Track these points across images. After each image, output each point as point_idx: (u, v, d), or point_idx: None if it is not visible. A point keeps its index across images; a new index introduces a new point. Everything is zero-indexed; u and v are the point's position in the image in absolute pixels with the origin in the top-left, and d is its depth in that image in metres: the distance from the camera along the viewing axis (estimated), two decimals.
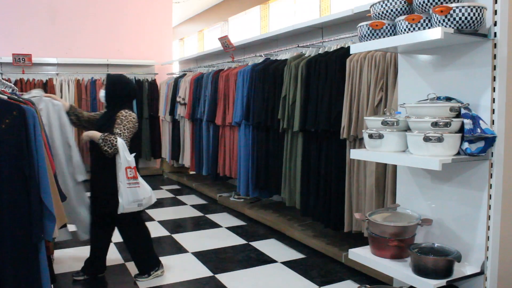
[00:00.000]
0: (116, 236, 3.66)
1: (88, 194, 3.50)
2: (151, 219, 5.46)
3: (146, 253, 3.63)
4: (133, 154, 3.21)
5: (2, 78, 3.60)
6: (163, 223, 5.32)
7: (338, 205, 3.83)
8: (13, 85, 3.09)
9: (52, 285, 2.78)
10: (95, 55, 8.39)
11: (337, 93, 3.76)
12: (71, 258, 4.04)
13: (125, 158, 3.14)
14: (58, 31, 8.30)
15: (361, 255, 2.54)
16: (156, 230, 5.03)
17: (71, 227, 3.33)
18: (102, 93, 3.47)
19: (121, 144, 3.15)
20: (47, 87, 7.70)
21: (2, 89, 2.64)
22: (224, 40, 5.92)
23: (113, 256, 4.06)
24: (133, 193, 3.20)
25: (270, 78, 4.74)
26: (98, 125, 3.45)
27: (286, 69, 4.44)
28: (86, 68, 8.13)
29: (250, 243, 4.56)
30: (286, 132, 4.52)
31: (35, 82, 7.74)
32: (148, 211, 5.84)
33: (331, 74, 3.85)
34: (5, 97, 2.34)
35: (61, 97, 7.77)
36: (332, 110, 3.80)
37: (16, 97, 2.58)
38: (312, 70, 4.10)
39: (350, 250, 2.62)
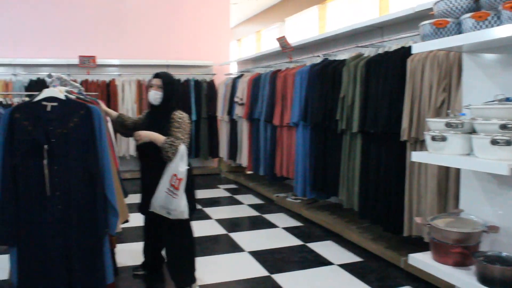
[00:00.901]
0: None
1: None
2: (208, 217, 5.56)
3: (187, 266, 3.37)
4: (186, 168, 3.02)
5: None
6: (220, 221, 5.40)
7: (398, 209, 3.73)
8: (80, 86, 3.25)
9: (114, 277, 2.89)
10: (155, 56, 8.63)
11: (397, 93, 3.67)
12: (132, 252, 4.17)
13: (177, 166, 2.97)
14: (120, 34, 8.61)
15: (422, 260, 2.47)
16: (213, 228, 5.11)
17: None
18: (156, 94, 3.16)
19: (183, 151, 3.01)
20: (109, 87, 8.02)
21: (71, 89, 2.77)
22: (282, 40, 5.92)
23: None
24: (167, 200, 3.01)
25: (329, 78, 4.69)
26: (145, 127, 3.19)
27: (345, 69, 4.38)
28: (147, 69, 8.37)
29: (306, 244, 4.53)
30: (345, 133, 4.46)
31: (98, 83, 8.06)
32: (205, 209, 5.94)
33: (391, 74, 3.76)
34: (73, 97, 2.46)
35: (123, 97, 8.07)
36: (392, 111, 3.71)
37: (82, 97, 2.71)
38: (372, 70, 4.03)
39: (410, 255, 2.56)
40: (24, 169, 2.27)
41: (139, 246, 4.20)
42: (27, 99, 5.95)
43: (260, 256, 4.19)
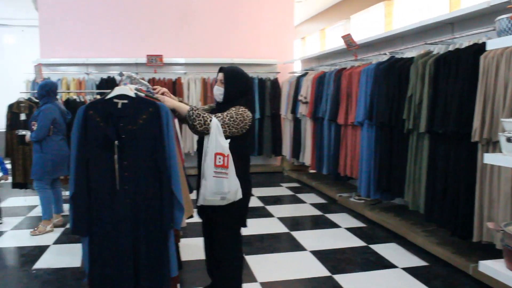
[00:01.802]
0: None
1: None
2: (271, 215, 5.59)
3: (234, 280, 3.05)
4: (228, 140, 2.67)
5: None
6: (282, 219, 5.41)
7: (467, 212, 3.58)
8: (148, 84, 3.36)
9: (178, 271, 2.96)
10: (220, 54, 8.77)
11: (469, 92, 3.52)
12: (196, 246, 4.26)
13: (218, 141, 2.63)
14: (186, 33, 8.83)
15: (494, 268, 2.35)
16: (275, 226, 5.14)
17: None
18: (218, 90, 2.95)
19: (215, 125, 2.64)
20: (176, 85, 8.25)
21: (140, 87, 2.88)
22: (347, 38, 5.84)
23: None
24: (218, 183, 2.66)
25: (395, 77, 4.57)
26: None
27: (413, 67, 4.25)
28: (212, 67, 8.51)
29: (369, 245, 4.45)
30: (411, 133, 4.33)
31: (165, 81, 8.31)
32: (267, 207, 5.98)
33: (463, 72, 3.61)
34: (143, 95, 2.56)
35: (188, 95, 8.27)
36: (462, 111, 3.57)
37: (151, 94, 2.81)
38: (441, 68, 3.88)
39: (480, 262, 2.45)
40: (96, 163, 2.39)
41: (201, 241, 4.30)
42: (98, 96, 6.27)
43: (322, 255, 4.17)
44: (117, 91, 2.44)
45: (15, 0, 10.26)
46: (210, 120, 2.66)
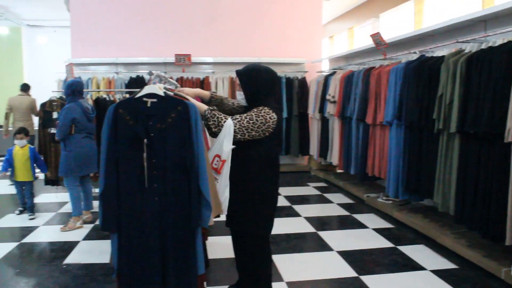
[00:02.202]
0: None
1: None
2: (297, 215, 5.57)
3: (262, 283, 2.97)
4: (232, 146, 2.56)
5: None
6: (309, 219, 5.39)
7: (499, 215, 3.49)
8: (176, 83, 3.38)
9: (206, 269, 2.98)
10: (248, 54, 8.78)
11: (502, 92, 3.44)
12: (223, 245, 4.28)
13: (221, 144, 2.56)
14: (214, 32, 8.89)
15: None
16: (301, 226, 5.12)
17: None
18: (240, 95, 2.90)
19: (228, 127, 2.55)
20: (203, 84, 8.31)
21: (169, 86, 2.91)
22: (377, 37, 5.77)
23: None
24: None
25: (425, 76, 4.50)
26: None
27: (443, 66, 4.18)
28: (239, 66, 8.45)
29: (397, 247, 4.39)
30: (442, 133, 4.25)
31: (193, 80, 8.38)
32: (294, 206, 5.97)
33: (496, 71, 3.53)
34: (172, 94, 2.58)
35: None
36: (495, 111, 3.48)
37: (180, 93, 2.83)
38: (473, 67, 3.80)
39: None
40: (125, 161, 2.43)
41: (228, 239, 4.31)
42: (127, 95, 6.36)
43: (349, 256, 4.13)
44: (146, 90, 2.47)
45: (48, 1, 10.51)
46: (224, 122, 2.59)
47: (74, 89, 5.11)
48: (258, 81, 2.78)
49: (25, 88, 8.56)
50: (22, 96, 8.37)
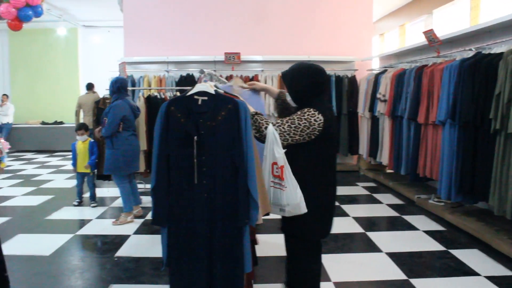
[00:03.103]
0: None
1: None
2: (346, 215, 5.51)
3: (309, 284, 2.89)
4: (284, 151, 2.51)
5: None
6: (357, 219, 5.32)
7: None
8: (226, 81, 3.42)
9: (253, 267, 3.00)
10: (297, 52, 8.77)
11: None
12: (271, 243, 4.30)
13: (272, 151, 2.51)
14: (263, 31, 8.92)
15: None
16: (350, 225, 5.06)
17: None
18: (288, 96, 2.91)
19: (271, 133, 2.51)
20: None
21: (219, 84, 2.94)
22: (429, 34, 5.61)
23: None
24: (275, 194, 2.58)
25: (481, 74, 4.34)
26: None
27: (502, 63, 4.01)
28: (288, 65, 8.43)
29: (449, 250, 4.26)
30: (499, 133, 4.09)
31: (242, 78, 8.42)
32: (343, 206, 5.90)
33: None
34: (222, 92, 2.61)
35: (265, 93, 8.31)
36: None
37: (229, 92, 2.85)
38: None
39: None
40: (176, 157, 2.47)
41: (278, 238, 4.32)
42: (178, 93, 6.48)
43: (398, 258, 4.05)
44: (197, 88, 2.51)
45: (103, 3, 10.86)
46: (265, 127, 2.56)
47: (119, 86, 5.22)
48: (301, 82, 2.69)
49: (89, 86, 9.85)
50: (88, 94, 9.53)
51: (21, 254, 4.27)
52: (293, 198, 2.53)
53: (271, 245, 4.28)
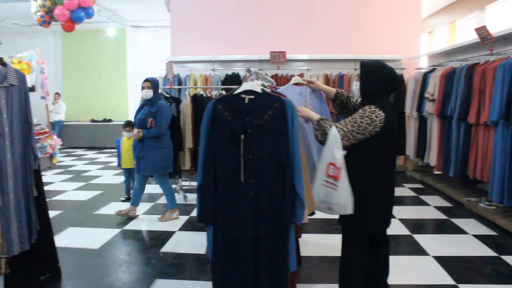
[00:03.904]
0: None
1: None
2: (392, 217, 5.38)
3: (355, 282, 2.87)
4: (343, 153, 2.55)
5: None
6: (403, 221, 5.20)
7: None
8: (272, 80, 3.41)
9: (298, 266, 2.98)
10: (343, 50, 8.65)
11: None
12: (316, 243, 4.27)
13: (332, 152, 2.54)
14: (309, 29, 8.86)
15: None
16: (396, 227, 4.96)
17: None
18: (355, 85, 2.92)
19: (334, 135, 2.54)
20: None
21: (266, 83, 2.94)
22: (482, 30, 5.41)
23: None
24: (326, 193, 2.61)
25: None
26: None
27: None
28: (335, 64, 8.45)
29: (501, 256, 4.09)
30: None
31: (287, 77, 8.40)
32: None
33: None
34: (269, 91, 2.61)
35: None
36: None
37: (276, 90, 2.85)
38: None
39: None
40: (222, 156, 2.49)
41: (323, 238, 4.29)
42: (224, 92, 6.53)
43: (446, 262, 3.93)
44: (244, 86, 2.52)
45: (150, 3, 11.09)
46: (330, 130, 2.59)
47: (157, 86, 5.28)
48: (375, 79, 2.70)
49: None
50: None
51: (72, 247, 4.43)
52: (343, 199, 2.57)
53: (315, 245, 4.25)
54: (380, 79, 2.69)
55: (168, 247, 4.42)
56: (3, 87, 3.01)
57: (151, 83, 5.22)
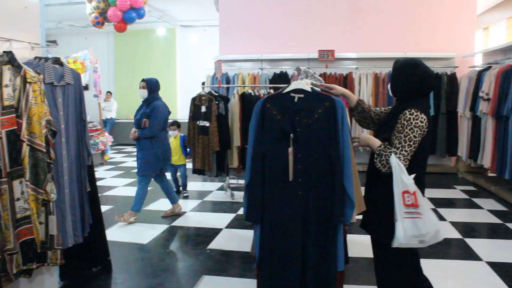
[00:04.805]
0: None
1: None
2: (442, 219, 5.24)
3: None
4: (412, 176, 2.35)
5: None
6: (454, 224, 5.04)
7: None
8: (321, 79, 3.38)
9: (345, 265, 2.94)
10: (392, 48, 8.46)
11: None
12: (363, 243, 4.20)
13: (401, 179, 2.35)
14: (358, 27, 8.73)
15: None
16: (446, 230, 4.81)
17: None
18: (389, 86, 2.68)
19: (396, 164, 2.36)
20: (347, 80, 8.21)
21: (315, 82, 2.92)
22: None
23: None
24: (413, 225, 2.36)
25: None
26: (381, 124, 2.74)
27: None
28: (384, 62, 8.28)
29: None
30: None
31: (336, 76, 8.32)
32: (439, 209, 5.63)
33: None
34: (318, 90, 2.59)
35: (359, 90, 8.16)
36: None
37: (326, 89, 2.82)
38: None
39: None
40: (271, 154, 2.49)
41: (369, 238, 4.19)
42: (272, 91, 6.54)
43: (501, 269, 3.77)
44: (294, 85, 2.51)
45: (199, 3, 11.24)
46: (390, 159, 2.38)
47: (157, 86, 5.29)
48: (410, 78, 2.50)
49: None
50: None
51: (122, 241, 4.56)
52: (432, 224, 2.36)
53: (362, 245, 4.18)
54: (416, 77, 2.48)
55: (215, 244, 4.47)
56: (60, 86, 3.12)
57: (147, 83, 5.25)
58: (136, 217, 5.26)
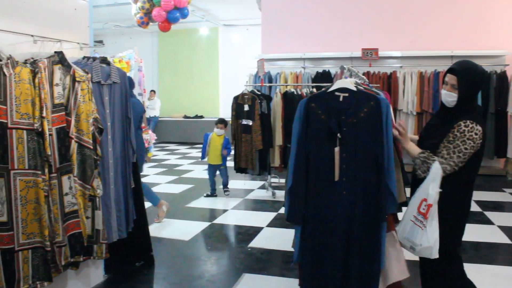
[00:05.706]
0: None
1: None
2: (490, 222, 5.07)
3: None
4: (438, 190, 2.29)
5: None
6: (503, 228, 4.86)
7: None
8: (364, 77, 3.33)
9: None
10: (439, 47, 8.25)
11: None
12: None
13: (428, 187, 2.32)
14: (402, 25, 8.55)
15: None
16: (494, 235, 4.66)
17: None
18: (449, 96, 2.43)
19: (434, 171, 2.30)
20: (391, 79, 8.06)
21: (359, 81, 2.88)
22: None
23: None
24: (412, 230, 2.40)
25: None
26: (427, 130, 2.71)
27: None
28: (429, 61, 8.09)
29: None
30: None
31: (380, 75, 8.18)
32: (486, 213, 5.44)
33: None
34: (363, 88, 2.55)
35: (404, 90, 7.99)
36: None
37: (370, 88, 2.78)
38: None
39: None
40: (316, 154, 2.46)
41: None
42: (314, 90, 6.50)
43: None
44: (338, 84, 2.48)
45: (242, 2, 11.30)
46: (432, 166, 2.33)
47: (133, 83, 5.14)
48: (477, 85, 2.44)
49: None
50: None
51: (164, 237, 4.64)
52: (428, 241, 2.34)
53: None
54: (476, 85, 2.42)
55: (256, 243, 4.48)
56: (107, 85, 3.20)
57: (130, 80, 5.17)
58: (166, 204, 5.23)
